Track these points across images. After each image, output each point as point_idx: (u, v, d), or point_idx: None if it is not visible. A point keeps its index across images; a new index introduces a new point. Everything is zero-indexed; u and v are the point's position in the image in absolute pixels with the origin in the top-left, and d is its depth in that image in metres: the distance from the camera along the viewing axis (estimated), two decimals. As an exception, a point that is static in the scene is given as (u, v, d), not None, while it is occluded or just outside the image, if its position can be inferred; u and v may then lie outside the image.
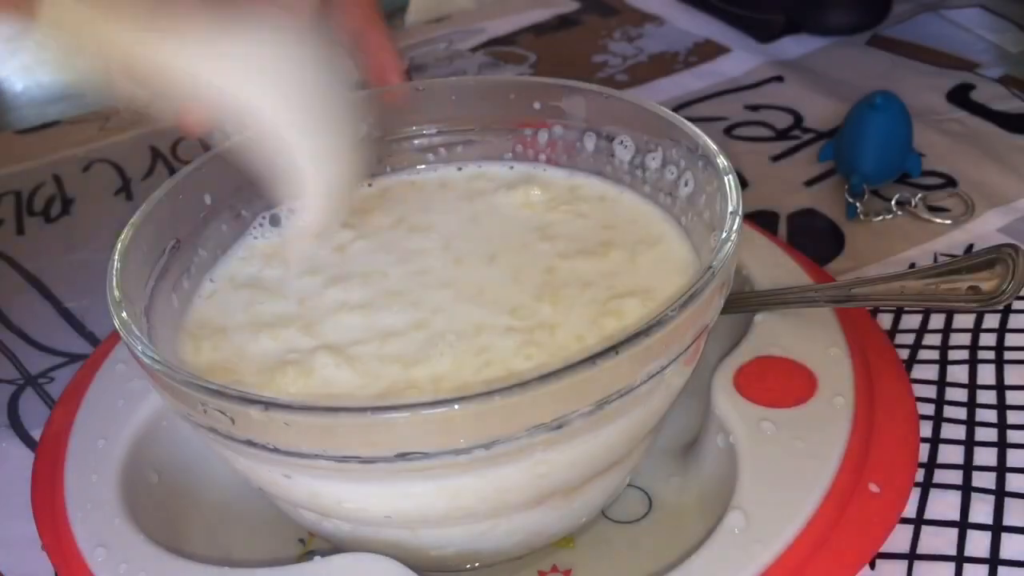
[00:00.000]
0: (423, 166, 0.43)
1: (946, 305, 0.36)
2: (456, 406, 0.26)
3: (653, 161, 0.38)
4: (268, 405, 0.27)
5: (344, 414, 0.26)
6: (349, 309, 0.35)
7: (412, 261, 0.37)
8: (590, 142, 0.40)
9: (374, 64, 0.42)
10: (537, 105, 0.40)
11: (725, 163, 0.34)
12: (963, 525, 0.35)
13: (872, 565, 0.34)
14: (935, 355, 0.43)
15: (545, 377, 0.26)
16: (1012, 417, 0.39)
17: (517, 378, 0.27)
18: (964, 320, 0.44)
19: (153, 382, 0.30)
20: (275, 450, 0.28)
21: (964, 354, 0.42)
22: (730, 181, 0.33)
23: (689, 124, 0.36)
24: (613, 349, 0.27)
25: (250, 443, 0.28)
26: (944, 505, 0.36)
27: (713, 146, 0.35)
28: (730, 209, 0.32)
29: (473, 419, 0.27)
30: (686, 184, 0.36)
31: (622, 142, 0.39)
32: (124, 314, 0.31)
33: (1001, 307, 0.37)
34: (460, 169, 0.43)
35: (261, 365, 0.33)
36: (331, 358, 0.33)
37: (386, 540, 0.32)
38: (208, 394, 0.28)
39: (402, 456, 0.27)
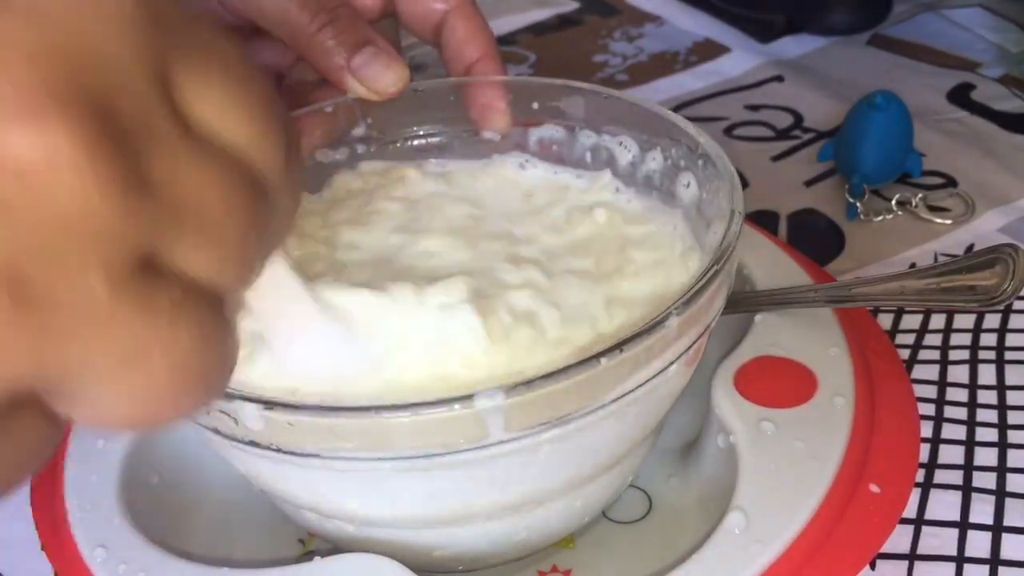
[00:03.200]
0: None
1: (946, 305, 0.36)
2: (456, 406, 0.26)
3: (653, 161, 0.38)
4: (270, 406, 0.27)
5: (346, 414, 0.26)
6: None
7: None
8: (589, 142, 0.40)
9: (460, 59, 0.41)
10: (536, 105, 0.40)
11: (725, 163, 0.34)
12: (963, 525, 0.35)
13: (872, 565, 0.34)
14: (935, 355, 0.43)
15: (547, 377, 0.26)
16: (1012, 417, 0.39)
17: (517, 378, 0.27)
18: (964, 320, 0.44)
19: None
20: (278, 451, 0.28)
21: (965, 354, 0.42)
22: (730, 181, 0.33)
23: (689, 124, 0.36)
24: (615, 348, 0.27)
25: (253, 444, 0.28)
26: (944, 505, 0.36)
27: (713, 146, 0.35)
28: (730, 209, 0.32)
29: (474, 419, 0.27)
30: (686, 184, 0.36)
31: (622, 142, 0.39)
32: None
33: (1001, 307, 0.37)
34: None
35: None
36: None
37: (388, 540, 0.32)
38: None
39: (404, 456, 0.27)
